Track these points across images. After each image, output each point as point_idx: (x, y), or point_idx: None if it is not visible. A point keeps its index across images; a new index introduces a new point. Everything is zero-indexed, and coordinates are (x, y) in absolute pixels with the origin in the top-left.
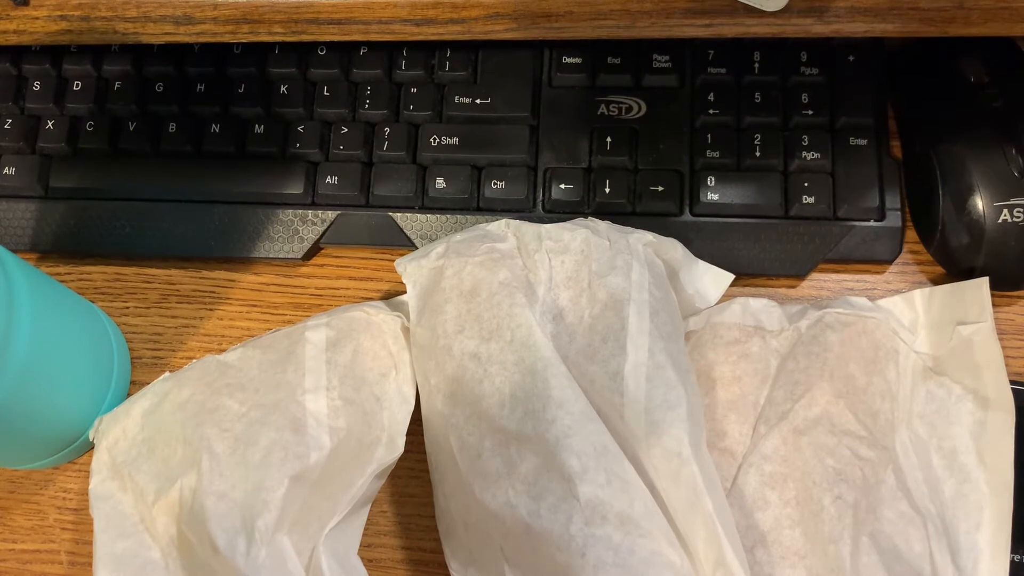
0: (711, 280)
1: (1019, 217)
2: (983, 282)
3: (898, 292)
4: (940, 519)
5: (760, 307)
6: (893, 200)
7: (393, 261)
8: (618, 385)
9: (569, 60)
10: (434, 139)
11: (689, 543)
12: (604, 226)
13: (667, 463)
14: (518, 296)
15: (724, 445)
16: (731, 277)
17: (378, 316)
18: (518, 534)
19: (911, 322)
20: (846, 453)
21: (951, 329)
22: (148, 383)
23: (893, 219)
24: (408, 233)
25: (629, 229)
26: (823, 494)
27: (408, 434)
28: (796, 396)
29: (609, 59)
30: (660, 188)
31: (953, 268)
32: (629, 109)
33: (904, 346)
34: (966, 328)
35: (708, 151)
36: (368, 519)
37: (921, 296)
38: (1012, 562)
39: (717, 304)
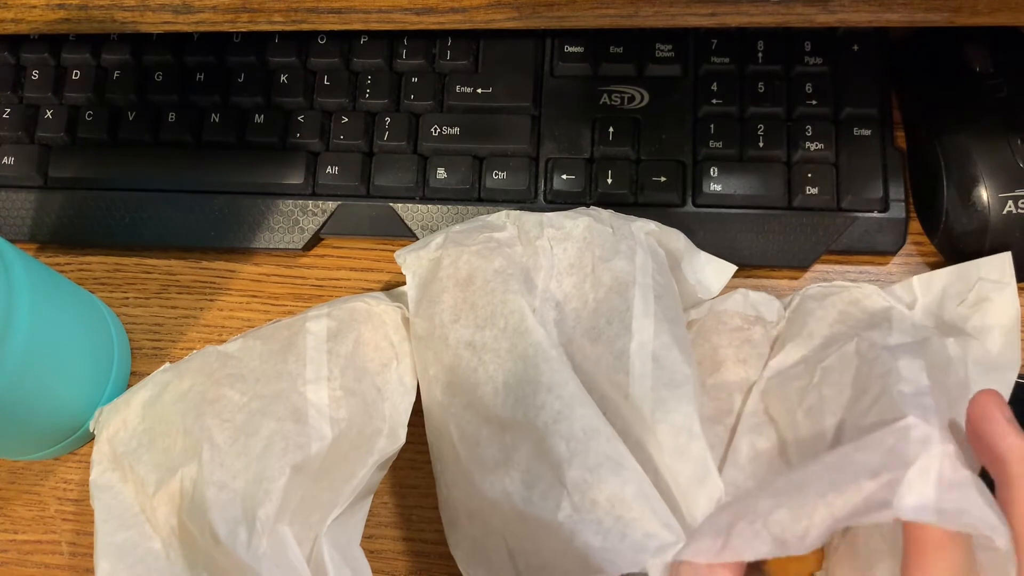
0: (713, 271)
1: None
2: (1006, 255)
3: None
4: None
5: (760, 299)
6: (897, 191)
7: (394, 252)
8: (624, 364)
9: (571, 49)
10: (435, 129)
11: (692, 519)
12: (606, 214)
13: (674, 439)
14: (512, 283)
15: (728, 422)
16: (733, 269)
17: (379, 307)
18: (515, 522)
19: (910, 302)
20: (816, 373)
21: (954, 305)
22: (148, 374)
23: (897, 210)
24: (409, 224)
25: (631, 218)
26: (796, 410)
27: (409, 425)
28: (775, 353)
29: (611, 48)
30: (662, 179)
31: (957, 259)
32: (631, 99)
33: (898, 311)
34: (988, 284)
35: (711, 141)
36: (369, 510)
37: (919, 281)
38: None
39: (718, 295)
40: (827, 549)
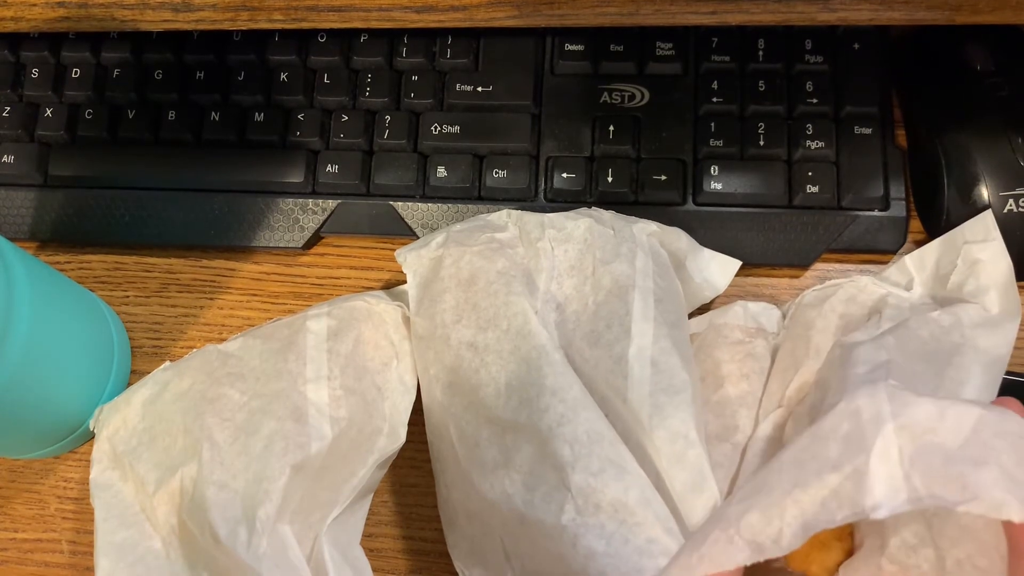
0: (718, 267)
1: None
2: (987, 214)
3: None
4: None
5: (760, 310)
6: (897, 190)
7: (394, 250)
8: (622, 368)
9: (571, 47)
10: (435, 127)
11: (690, 526)
12: (608, 215)
13: (672, 445)
14: (515, 285)
15: (736, 440)
16: (738, 264)
17: (379, 306)
18: (514, 524)
19: (907, 283)
20: (815, 390)
21: (948, 275)
22: (148, 372)
23: (897, 209)
24: (409, 222)
25: (633, 218)
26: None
27: (409, 424)
28: (787, 382)
29: (612, 47)
30: (663, 177)
31: None
32: (632, 97)
33: (894, 298)
34: (974, 246)
35: (711, 140)
36: (370, 509)
37: (912, 260)
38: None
39: (718, 308)
40: (857, 536)
